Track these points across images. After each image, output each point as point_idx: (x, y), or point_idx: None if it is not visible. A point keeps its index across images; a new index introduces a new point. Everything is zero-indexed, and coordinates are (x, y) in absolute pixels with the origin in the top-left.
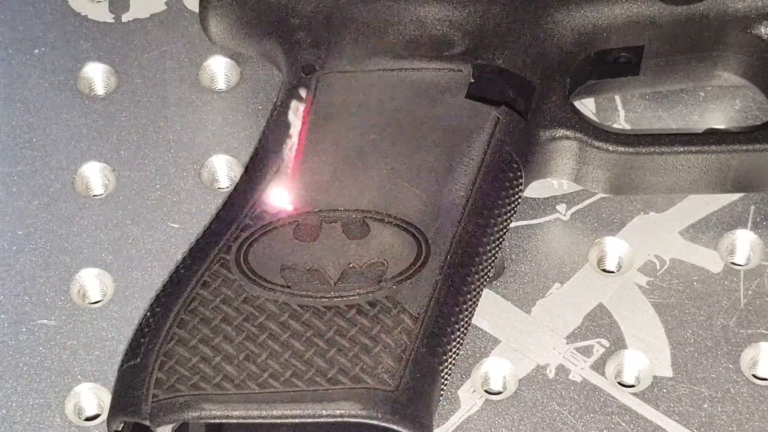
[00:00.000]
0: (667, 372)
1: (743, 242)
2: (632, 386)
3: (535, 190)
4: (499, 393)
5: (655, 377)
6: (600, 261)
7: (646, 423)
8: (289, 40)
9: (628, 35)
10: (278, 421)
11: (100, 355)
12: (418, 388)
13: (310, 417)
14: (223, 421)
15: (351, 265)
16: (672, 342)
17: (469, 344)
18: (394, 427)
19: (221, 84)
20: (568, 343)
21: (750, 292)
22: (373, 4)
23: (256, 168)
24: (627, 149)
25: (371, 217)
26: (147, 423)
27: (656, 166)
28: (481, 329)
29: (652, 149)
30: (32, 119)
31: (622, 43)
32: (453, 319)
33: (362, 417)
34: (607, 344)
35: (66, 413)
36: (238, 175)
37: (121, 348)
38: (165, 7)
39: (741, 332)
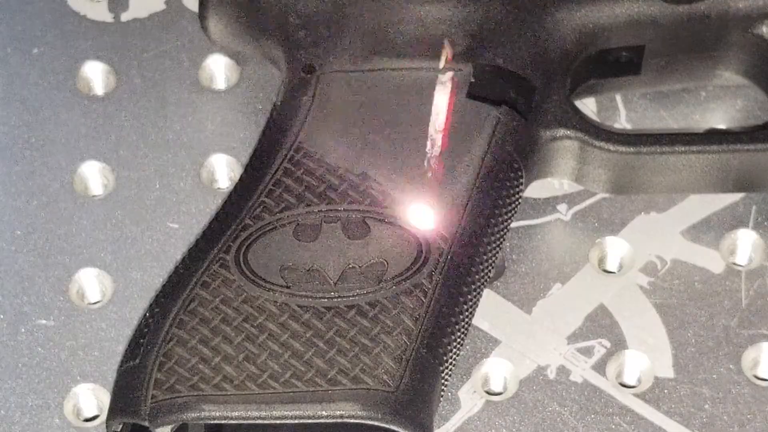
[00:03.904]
0: (669, 373)
1: (745, 242)
2: (633, 387)
3: (535, 189)
4: (500, 394)
5: (656, 378)
6: (601, 261)
7: (647, 424)
8: (289, 39)
9: (629, 34)
10: (278, 422)
11: (99, 355)
12: (419, 389)
13: (309, 418)
14: (223, 422)
15: (351, 266)
16: (673, 342)
17: (469, 345)
18: (394, 428)
19: (221, 84)
20: (568, 344)
21: (751, 292)
22: (373, 4)
23: (256, 168)
24: (628, 149)
25: (371, 217)
26: (146, 424)
27: (657, 165)
28: (482, 330)
29: (653, 149)
30: (31, 119)
31: (623, 43)
32: (453, 320)
33: (362, 418)
34: (608, 345)
35: (65, 414)
36: (238, 175)
37: (120, 348)
38: (164, 7)
39: (742, 333)
